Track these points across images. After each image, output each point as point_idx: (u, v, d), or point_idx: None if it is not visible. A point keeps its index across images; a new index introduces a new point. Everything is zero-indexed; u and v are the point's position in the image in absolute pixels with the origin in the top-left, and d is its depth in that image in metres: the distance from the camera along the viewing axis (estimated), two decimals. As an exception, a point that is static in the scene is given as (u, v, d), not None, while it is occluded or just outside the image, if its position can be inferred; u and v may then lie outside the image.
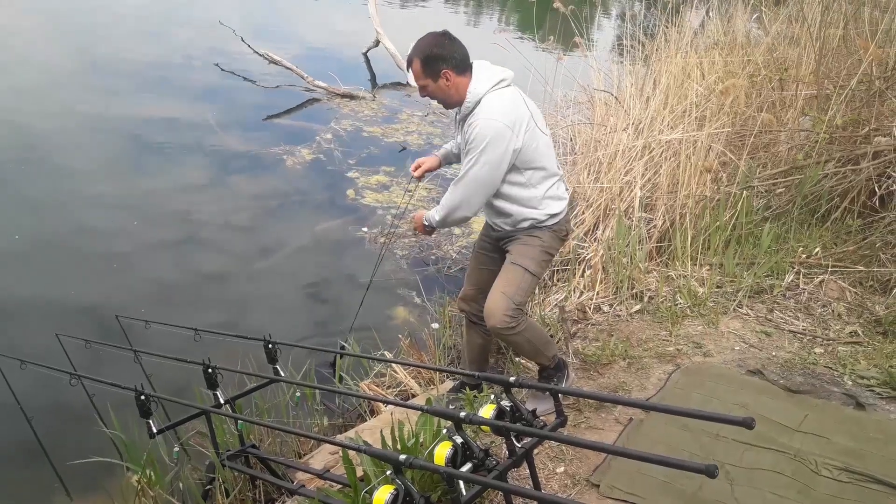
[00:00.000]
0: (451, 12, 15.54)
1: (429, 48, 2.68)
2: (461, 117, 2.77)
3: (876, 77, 4.85)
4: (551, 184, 2.89)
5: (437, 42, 2.68)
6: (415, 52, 2.70)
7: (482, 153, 2.65)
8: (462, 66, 2.69)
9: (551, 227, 2.89)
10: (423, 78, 2.71)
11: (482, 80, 2.69)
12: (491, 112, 2.66)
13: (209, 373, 2.60)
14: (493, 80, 2.70)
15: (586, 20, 5.88)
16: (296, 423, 3.23)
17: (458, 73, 2.68)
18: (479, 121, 2.66)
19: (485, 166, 2.68)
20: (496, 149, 2.66)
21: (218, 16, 9.38)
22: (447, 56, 2.66)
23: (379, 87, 9.23)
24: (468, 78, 2.70)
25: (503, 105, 2.69)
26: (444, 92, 2.72)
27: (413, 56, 2.71)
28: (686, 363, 3.34)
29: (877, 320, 3.69)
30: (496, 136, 2.64)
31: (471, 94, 2.68)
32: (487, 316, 2.82)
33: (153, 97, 7.80)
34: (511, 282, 2.82)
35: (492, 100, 2.69)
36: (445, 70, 2.66)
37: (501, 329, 2.80)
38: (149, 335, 3.80)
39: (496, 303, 2.80)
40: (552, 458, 2.73)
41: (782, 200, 4.58)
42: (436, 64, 2.66)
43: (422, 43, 2.70)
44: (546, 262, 2.95)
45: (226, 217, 5.54)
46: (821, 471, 2.60)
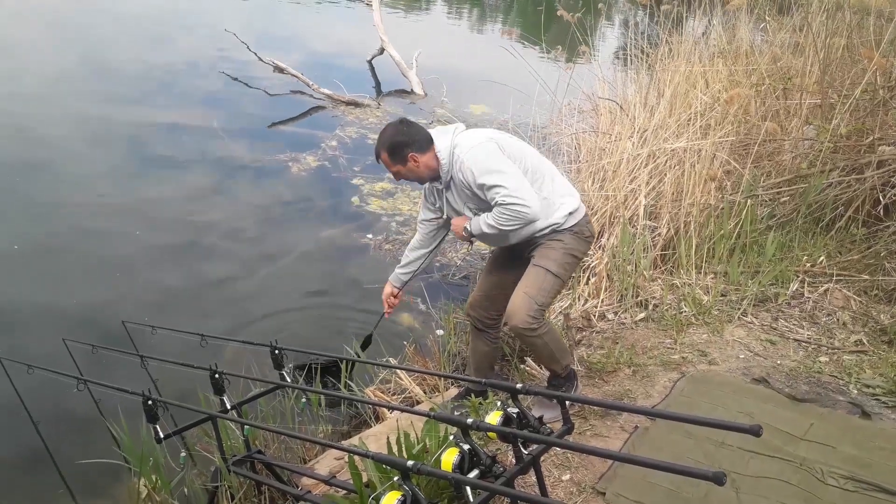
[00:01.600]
0: (454, 20, 15.60)
1: (391, 138, 2.86)
2: (446, 181, 2.91)
3: (880, 86, 4.87)
4: (558, 184, 2.95)
5: (398, 131, 2.87)
6: (379, 144, 2.90)
7: (496, 175, 2.74)
8: (425, 145, 2.85)
9: (572, 230, 2.93)
10: (394, 165, 2.90)
11: (443, 137, 2.87)
12: (466, 145, 2.83)
13: (216, 378, 2.61)
14: (450, 131, 2.89)
15: (590, 29, 5.90)
16: (301, 429, 3.24)
17: (422, 152, 2.85)
18: (465, 158, 2.79)
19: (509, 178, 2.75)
20: (498, 157, 2.80)
21: (224, 23, 9.43)
22: (409, 141, 2.84)
23: (383, 95, 9.27)
24: (432, 151, 2.86)
25: (472, 135, 2.89)
26: (415, 172, 2.90)
27: (379, 149, 2.91)
28: (691, 371, 3.34)
29: (882, 329, 3.69)
30: (487, 151, 2.81)
31: (442, 153, 2.85)
32: (510, 316, 2.86)
33: (158, 104, 7.84)
34: (533, 283, 2.87)
35: (461, 140, 2.86)
36: (411, 154, 2.84)
37: (523, 329, 2.84)
38: (155, 341, 3.81)
39: (519, 302, 2.84)
40: (558, 466, 2.73)
41: (787, 209, 4.59)
42: (401, 150, 2.84)
43: (384, 135, 2.90)
44: (570, 264, 2.97)
45: (231, 223, 5.56)
46: (826, 479, 2.59)
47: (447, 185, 2.93)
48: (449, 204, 3.01)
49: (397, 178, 2.98)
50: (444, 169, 2.87)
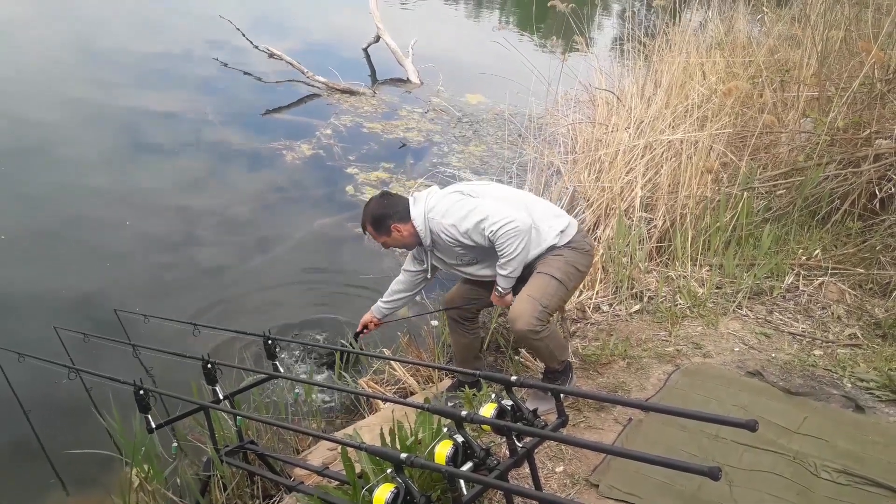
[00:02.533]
0: (450, 8, 15.50)
1: (373, 211, 3.03)
2: (427, 245, 3.03)
3: (877, 79, 4.85)
4: (539, 210, 3.00)
5: (379, 204, 3.04)
6: (364, 217, 3.07)
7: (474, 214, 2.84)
8: (405, 215, 2.98)
9: (570, 245, 2.95)
10: (380, 237, 3.07)
11: (416, 205, 2.99)
12: (438, 208, 2.94)
13: (208, 368, 2.59)
14: (423, 197, 3.01)
15: (586, 19, 5.86)
16: (294, 420, 3.23)
17: (403, 222, 2.99)
18: (442, 220, 2.90)
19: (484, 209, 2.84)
20: (464, 200, 2.91)
21: (218, 9, 9.35)
22: (390, 213, 2.99)
23: (379, 83, 9.21)
24: (411, 220, 2.98)
25: (439, 196, 3.00)
26: (399, 241, 3.06)
27: (364, 221, 3.08)
28: (685, 364, 3.34)
29: (876, 323, 3.69)
30: (453, 200, 2.93)
31: (416, 220, 2.97)
32: (514, 320, 2.84)
33: (152, 90, 7.78)
34: (537, 287, 2.88)
35: (432, 204, 2.96)
36: (393, 224, 3.00)
37: (527, 332, 2.83)
38: (147, 330, 3.79)
39: (524, 306, 2.83)
40: (551, 458, 2.73)
41: (783, 202, 4.58)
42: (383, 222, 3.01)
43: (367, 209, 3.06)
44: (573, 274, 2.97)
45: (224, 212, 5.53)
46: (820, 473, 2.60)
47: (431, 248, 3.06)
48: (441, 261, 3.12)
49: (386, 247, 3.17)
50: (423, 234, 2.98)
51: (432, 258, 3.13)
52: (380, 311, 3.48)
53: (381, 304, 3.48)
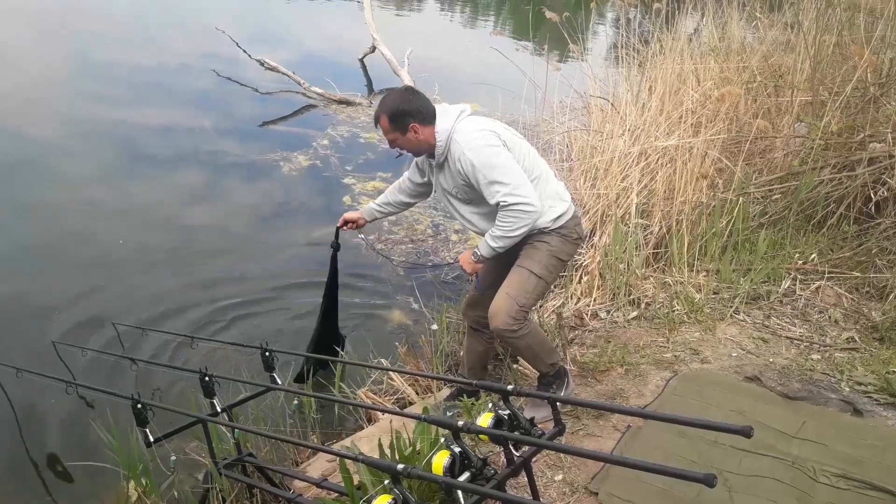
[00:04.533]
0: (446, 18, 15.58)
1: (395, 104, 2.79)
2: (439, 161, 2.87)
3: (871, 83, 4.88)
4: (551, 187, 2.91)
5: (403, 98, 2.82)
6: (381, 108, 2.82)
7: (498, 170, 2.71)
8: (428, 117, 2.79)
9: (559, 232, 2.89)
10: (392, 132, 2.82)
11: (445, 118, 2.81)
12: (469, 136, 2.77)
13: (206, 381, 2.59)
14: (455, 114, 2.82)
15: (580, 27, 5.89)
16: (293, 432, 3.22)
17: (423, 124, 2.79)
18: (465, 147, 2.74)
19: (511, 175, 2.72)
20: (499, 150, 2.75)
21: (214, 21, 9.38)
22: (413, 110, 2.78)
23: (375, 93, 9.23)
24: (433, 127, 2.80)
25: (474, 124, 2.83)
26: (412, 144, 2.85)
27: (380, 112, 2.82)
28: (683, 370, 3.34)
29: (873, 326, 3.69)
30: (488, 142, 2.75)
31: (440, 134, 2.79)
32: (491, 317, 2.84)
33: (148, 103, 7.80)
34: (515, 284, 2.85)
35: (462, 127, 2.80)
36: (413, 123, 2.78)
37: (504, 331, 2.82)
38: (145, 343, 3.80)
39: (500, 304, 2.82)
40: (550, 466, 2.72)
41: (778, 206, 4.59)
42: (403, 119, 2.78)
43: (388, 100, 2.82)
44: (555, 266, 2.95)
45: (221, 223, 5.53)
46: (819, 478, 2.60)
47: (440, 165, 2.89)
48: (439, 183, 2.97)
49: (392, 145, 2.90)
50: (440, 150, 2.82)
51: (434, 175, 2.98)
52: (371, 212, 3.37)
53: (374, 206, 3.36)
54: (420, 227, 5.73)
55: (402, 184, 3.28)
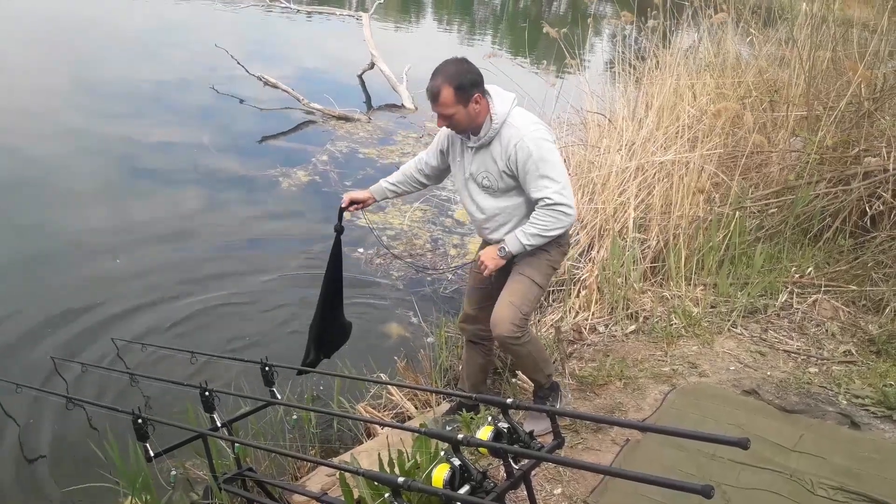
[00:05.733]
0: (444, 34, 15.70)
1: (460, 74, 2.62)
2: (482, 142, 2.74)
3: (865, 98, 4.93)
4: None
5: (466, 67, 2.65)
6: (444, 80, 2.61)
7: (551, 166, 2.68)
8: (485, 89, 2.70)
9: (558, 242, 2.90)
10: (454, 105, 2.63)
11: (502, 100, 2.71)
12: (529, 125, 2.70)
13: (206, 396, 2.60)
14: (511, 99, 2.75)
15: (577, 43, 5.95)
16: (292, 446, 3.23)
17: (484, 96, 2.68)
18: (525, 138, 2.66)
19: (562, 174, 2.71)
20: (556, 148, 2.74)
21: (214, 39, 9.46)
22: (479, 80, 2.66)
23: (374, 109, 9.30)
24: (489, 102, 2.70)
25: (529, 114, 2.79)
26: (468, 118, 2.68)
27: (443, 84, 2.60)
28: (682, 383, 3.35)
29: (870, 339, 3.71)
30: (547, 138, 2.73)
31: (497, 116, 2.68)
32: (494, 325, 2.83)
33: (148, 119, 7.85)
34: (518, 292, 2.85)
35: (518, 114, 2.73)
36: (477, 94, 2.64)
37: (508, 338, 2.83)
38: (145, 358, 3.81)
39: (504, 312, 2.82)
40: (549, 480, 2.73)
41: (775, 220, 4.62)
42: (470, 89, 2.62)
43: (450, 70, 2.63)
44: (550, 275, 2.98)
45: (221, 239, 5.55)
46: (817, 490, 2.60)
47: (479, 146, 2.76)
48: (466, 166, 2.85)
49: (447, 122, 2.69)
50: (491, 131, 2.70)
51: (462, 156, 2.85)
52: (382, 191, 3.16)
53: (386, 185, 3.15)
54: (419, 241, 5.76)
55: (419, 164, 3.11)
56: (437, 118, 2.70)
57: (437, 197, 6.56)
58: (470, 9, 20.43)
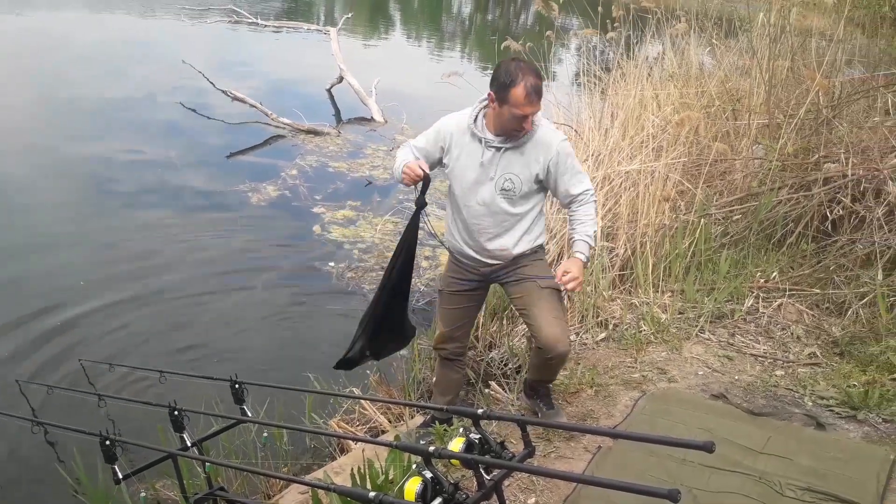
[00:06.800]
0: (413, 47, 15.77)
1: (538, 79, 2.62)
2: (519, 143, 2.72)
3: (823, 106, 5.05)
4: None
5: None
6: (539, 82, 2.60)
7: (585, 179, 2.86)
8: None
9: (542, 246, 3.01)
10: (538, 105, 2.65)
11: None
12: (554, 129, 2.86)
13: (175, 415, 2.57)
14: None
15: (543, 55, 6.01)
16: (265, 464, 3.19)
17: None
18: (562, 140, 2.76)
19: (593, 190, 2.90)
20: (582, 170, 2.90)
21: (181, 54, 9.40)
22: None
23: (344, 123, 9.30)
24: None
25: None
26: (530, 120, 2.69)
27: (538, 87, 2.60)
28: (651, 389, 3.39)
29: (834, 341, 3.79)
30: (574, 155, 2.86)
31: (537, 119, 2.72)
32: (555, 344, 2.78)
33: (114, 136, 7.77)
34: (557, 306, 2.89)
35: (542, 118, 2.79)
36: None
37: (567, 353, 2.88)
38: (113, 379, 3.75)
39: (557, 330, 2.80)
40: (523, 490, 2.74)
41: (739, 227, 4.71)
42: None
43: (535, 70, 2.62)
44: None
45: (190, 256, 5.50)
46: (785, 491, 2.65)
47: (511, 148, 2.72)
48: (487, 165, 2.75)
49: (525, 122, 2.65)
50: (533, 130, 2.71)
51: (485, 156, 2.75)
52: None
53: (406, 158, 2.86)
54: (390, 254, 5.70)
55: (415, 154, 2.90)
56: (515, 119, 2.62)
57: (408, 209, 6.57)
58: (438, 22, 20.56)
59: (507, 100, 2.60)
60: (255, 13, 13.09)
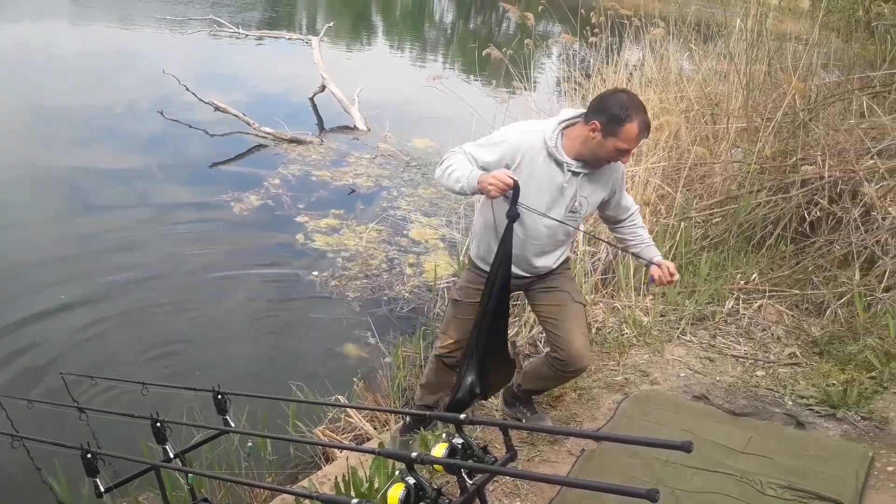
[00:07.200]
0: (395, 56, 15.80)
1: None
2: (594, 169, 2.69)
3: (800, 109, 5.13)
4: None
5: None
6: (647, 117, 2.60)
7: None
8: None
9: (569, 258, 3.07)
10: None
11: None
12: None
13: (157, 427, 2.55)
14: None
15: (523, 63, 6.06)
16: (249, 474, 3.18)
17: None
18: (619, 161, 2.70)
19: None
20: None
21: (163, 64, 9.36)
22: None
23: (326, 132, 9.29)
24: None
25: None
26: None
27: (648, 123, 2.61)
28: (634, 392, 3.42)
29: (813, 341, 3.85)
30: None
31: None
32: (579, 359, 2.82)
33: (94, 147, 7.71)
34: (584, 322, 2.92)
35: None
36: None
37: (586, 368, 2.96)
38: (95, 392, 3.72)
39: (582, 344, 2.83)
40: (508, 494, 2.75)
41: (719, 229, 4.77)
42: None
43: (643, 105, 2.62)
44: None
45: (172, 267, 5.46)
46: (766, 490, 2.68)
47: (590, 173, 2.68)
48: (566, 189, 2.67)
49: (627, 158, 2.69)
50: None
51: (563, 178, 2.65)
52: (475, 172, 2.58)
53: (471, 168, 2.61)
54: (374, 262, 5.76)
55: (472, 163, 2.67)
56: (618, 153, 2.59)
57: (392, 216, 6.58)
58: (421, 31, 20.61)
59: (618, 134, 2.53)
60: (236, 23, 13.05)
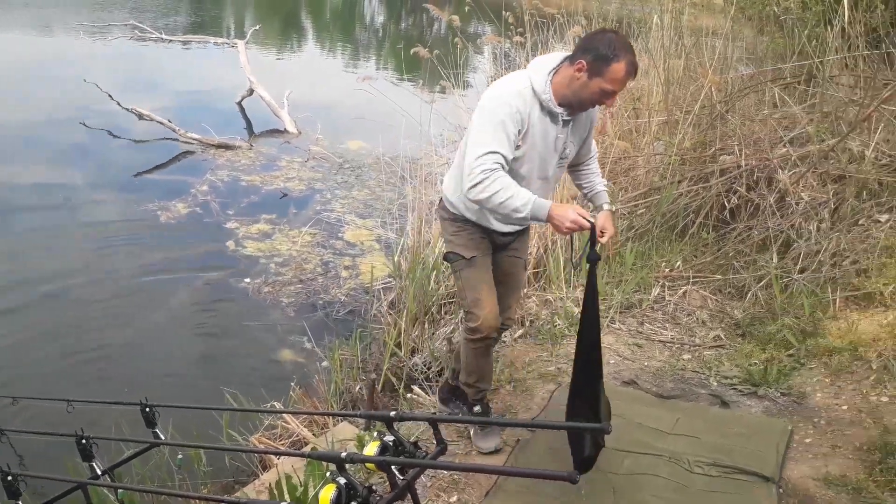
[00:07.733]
0: (326, 59, 15.68)
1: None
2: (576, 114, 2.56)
3: (717, 101, 5.32)
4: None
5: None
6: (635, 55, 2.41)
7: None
8: None
9: None
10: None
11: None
12: None
13: (83, 444, 2.48)
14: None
15: (452, 64, 6.09)
16: (183, 487, 3.12)
17: None
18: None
19: None
20: None
21: (83, 73, 9.06)
22: None
23: (256, 136, 9.15)
24: None
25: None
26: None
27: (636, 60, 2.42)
28: (567, 381, 3.48)
29: (736, 324, 4.00)
30: None
31: None
32: (512, 315, 2.95)
33: (15, 161, 7.41)
34: (524, 283, 2.97)
35: None
36: None
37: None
38: (16, 410, 3.57)
39: (515, 304, 2.93)
40: (445, 489, 2.77)
41: (643, 220, 4.90)
42: None
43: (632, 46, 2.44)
44: None
45: (97, 279, 5.31)
46: (693, 469, 2.78)
47: (565, 120, 2.53)
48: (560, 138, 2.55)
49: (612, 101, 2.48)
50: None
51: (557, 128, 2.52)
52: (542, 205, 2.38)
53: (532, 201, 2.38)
54: (308, 266, 5.71)
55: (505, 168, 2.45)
56: (603, 94, 2.40)
57: (326, 219, 6.54)
58: (351, 33, 20.48)
59: (603, 73, 2.35)
60: (159, 28, 12.74)
